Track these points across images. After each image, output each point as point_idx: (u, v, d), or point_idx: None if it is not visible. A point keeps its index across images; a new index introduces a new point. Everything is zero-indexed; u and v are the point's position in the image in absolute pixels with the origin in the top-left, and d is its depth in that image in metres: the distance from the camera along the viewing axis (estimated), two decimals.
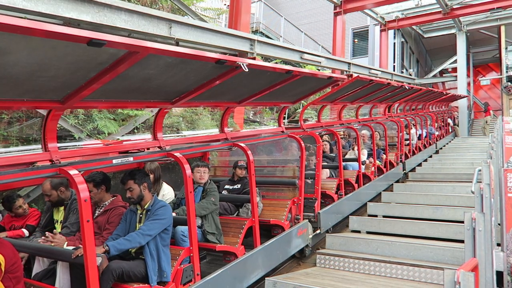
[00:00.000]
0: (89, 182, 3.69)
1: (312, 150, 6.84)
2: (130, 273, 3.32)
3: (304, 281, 4.46)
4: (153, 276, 3.38)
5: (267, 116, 14.99)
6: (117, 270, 3.21)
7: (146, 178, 3.76)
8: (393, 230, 6.15)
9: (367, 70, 16.79)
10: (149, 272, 3.38)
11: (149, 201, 3.73)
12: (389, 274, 4.83)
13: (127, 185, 3.66)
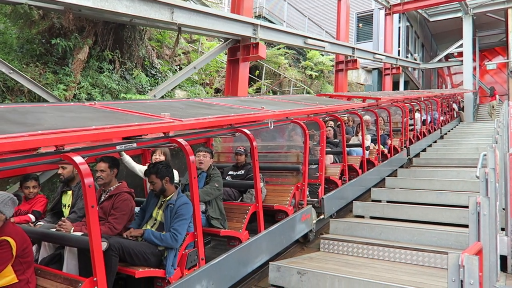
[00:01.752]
0: (105, 162, 3.90)
1: (317, 138, 6.82)
2: (130, 250, 3.37)
3: (308, 265, 4.49)
4: (170, 267, 3.47)
5: None
6: (115, 245, 3.26)
7: (168, 172, 3.85)
8: (397, 215, 6.16)
9: (371, 55, 16.63)
10: (168, 263, 3.49)
11: (172, 194, 3.84)
12: (392, 259, 4.85)
13: (149, 178, 3.81)
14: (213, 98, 5.37)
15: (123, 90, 8.24)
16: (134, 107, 3.89)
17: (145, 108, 3.91)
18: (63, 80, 7.36)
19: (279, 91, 16.72)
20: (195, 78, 11.40)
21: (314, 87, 18.32)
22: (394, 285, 3.71)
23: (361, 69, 21.02)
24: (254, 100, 5.69)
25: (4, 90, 6.77)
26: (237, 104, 4.82)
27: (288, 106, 5.42)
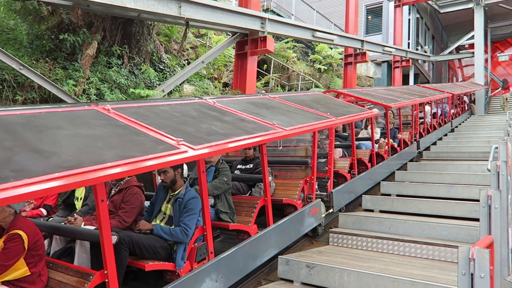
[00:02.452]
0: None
1: (326, 131, 6.78)
2: (140, 244, 3.40)
3: (317, 259, 4.49)
4: (179, 260, 3.50)
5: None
6: (125, 239, 3.29)
7: (180, 164, 3.85)
8: (406, 209, 6.12)
9: (380, 48, 16.47)
10: (177, 256, 3.51)
11: (181, 188, 3.85)
12: (402, 253, 4.82)
13: (163, 167, 3.77)
14: (223, 98, 5.18)
15: (132, 85, 8.28)
16: (148, 118, 3.65)
17: (160, 122, 3.63)
18: (72, 75, 7.41)
19: (288, 85, 16.66)
20: (203, 72, 11.40)
21: (323, 81, 18.22)
22: (403, 278, 3.69)
23: (370, 62, 20.82)
24: (264, 102, 5.45)
25: (15, 86, 6.84)
26: (248, 112, 4.62)
27: (298, 117, 5.16)
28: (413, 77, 21.47)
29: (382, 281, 3.78)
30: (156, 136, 3.25)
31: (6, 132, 2.71)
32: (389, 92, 9.52)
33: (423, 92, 11.42)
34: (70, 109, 3.47)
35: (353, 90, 8.34)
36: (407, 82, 21.06)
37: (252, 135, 3.92)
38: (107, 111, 3.57)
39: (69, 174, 2.32)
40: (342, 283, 4.01)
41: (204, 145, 3.30)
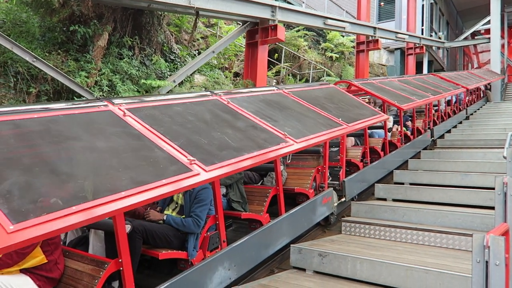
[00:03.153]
0: None
1: None
2: (153, 233, 3.45)
3: (329, 247, 4.49)
4: (192, 249, 3.55)
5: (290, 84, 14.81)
6: (139, 228, 3.34)
7: None
8: (420, 197, 6.06)
9: (393, 35, 16.21)
10: (190, 245, 3.55)
11: None
12: (415, 241, 4.79)
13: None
14: (237, 95, 4.92)
15: (143, 76, 8.31)
16: (163, 124, 3.58)
17: (174, 131, 3.56)
18: (84, 67, 7.47)
19: (299, 74, 16.55)
20: (214, 62, 11.38)
21: (335, 69, 18.04)
22: (417, 267, 3.67)
23: (383, 50, 20.52)
24: (277, 100, 5.27)
25: (28, 78, 6.93)
26: (260, 116, 4.52)
27: (310, 122, 5.03)
28: (427, 64, 21.11)
29: (395, 269, 3.76)
30: (169, 151, 3.21)
31: (24, 144, 2.75)
32: (403, 86, 9.13)
33: (438, 85, 11.04)
34: (86, 111, 3.38)
35: (366, 83, 7.99)
36: (421, 70, 20.73)
37: (263, 150, 3.85)
38: (122, 113, 3.48)
39: (87, 207, 2.35)
40: (354, 271, 4.00)
41: (216, 165, 3.28)
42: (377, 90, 7.69)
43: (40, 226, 2.13)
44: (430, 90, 9.74)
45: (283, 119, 4.78)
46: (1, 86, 6.77)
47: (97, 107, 3.48)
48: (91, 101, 3.66)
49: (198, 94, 4.62)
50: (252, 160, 3.64)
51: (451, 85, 12.09)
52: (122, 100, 3.79)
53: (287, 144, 4.17)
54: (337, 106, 6.09)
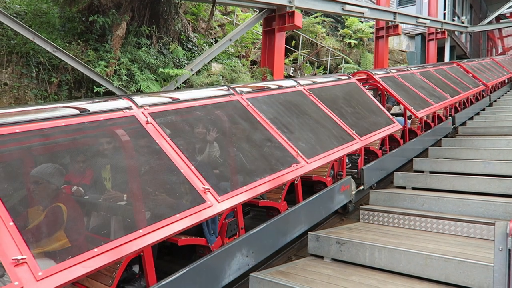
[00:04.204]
0: None
1: None
2: None
3: (347, 235, 4.48)
4: (211, 236, 3.59)
5: (307, 72, 14.69)
6: None
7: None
8: (440, 185, 5.97)
9: (414, 20, 15.80)
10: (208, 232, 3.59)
11: None
12: (435, 230, 4.73)
13: None
14: (257, 94, 4.72)
15: (161, 64, 8.36)
16: (183, 137, 3.55)
17: (192, 147, 3.56)
18: (103, 56, 7.56)
19: (317, 61, 16.37)
20: (231, 50, 11.35)
21: (353, 56, 17.77)
22: (436, 255, 3.63)
23: (403, 35, 20.08)
24: (296, 102, 5.06)
25: (50, 68, 7.06)
26: (277, 125, 4.38)
27: (324, 134, 4.86)
28: (448, 50, 20.55)
29: (414, 257, 3.73)
30: (187, 174, 3.18)
31: (53, 163, 2.89)
32: (423, 82, 8.38)
33: (458, 81, 10.39)
34: (111, 116, 3.25)
35: (386, 76, 7.54)
36: (442, 55, 20.20)
37: (275, 174, 3.79)
38: (145, 120, 3.38)
39: (108, 249, 2.50)
40: (373, 259, 3.99)
41: (228, 194, 3.29)
42: (397, 89, 7.28)
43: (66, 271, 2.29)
44: (449, 89, 9.23)
45: (298, 129, 4.66)
46: (24, 76, 6.92)
47: (121, 111, 3.35)
48: (115, 100, 3.51)
49: (220, 93, 4.38)
50: (263, 187, 3.62)
51: (471, 81, 11.48)
52: (145, 100, 3.65)
53: (298, 166, 4.05)
54: (353, 110, 5.81)
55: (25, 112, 2.94)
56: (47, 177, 2.91)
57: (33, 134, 2.78)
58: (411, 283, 3.57)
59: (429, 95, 7.91)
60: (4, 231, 2.22)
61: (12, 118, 2.74)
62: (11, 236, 2.22)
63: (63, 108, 3.19)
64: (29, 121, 2.77)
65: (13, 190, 2.58)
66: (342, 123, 5.22)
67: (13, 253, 2.16)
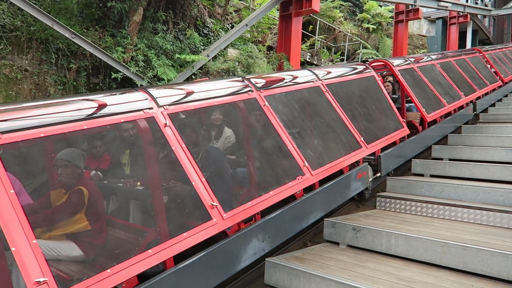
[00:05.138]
0: None
1: None
2: None
3: (363, 222, 4.46)
4: None
5: (324, 57, 14.50)
6: None
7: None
8: (459, 173, 5.86)
9: (435, 3, 15.36)
10: None
11: None
12: (453, 218, 4.67)
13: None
14: (274, 90, 4.49)
15: (177, 50, 8.37)
16: (199, 141, 3.55)
17: (207, 150, 3.60)
18: (121, 42, 7.60)
19: (334, 46, 16.13)
20: (247, 36, 11.27)
21: (371, 41, 17.44)
22: (454, 243, 3.59)
23: (423, 19, 19.57)
24: (312, 101, 4.85)
25: (68, 55, 7.14)
26: (289, 129, 4.24)
27: (333, 141, 4.77)
28: (471, 34, 19.95)
29: (431, 245, 3.70)
30: (197, 187, 3.16)
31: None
32: (441, 76, 7.71)
33: (476, 75, 9.80)
34: (132, 118, 3.12)
35: (405, 69, 7.06)
36: (464, 40, 19.64)
37: (280, 188, 3.79)
38: (164, 123, 3.24)
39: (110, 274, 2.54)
40: (389, 246, 3.97)
41: (233, 211, 3.33)
42: (414, 84, 6.89)
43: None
44: (465, 85, 8.66)
45: (309, 134, 4.57)
46: (44, 62, 7.02)
47: (142, 112, 3.21)
48: (139, 101, 3.30)
49: (238, 89, 4.15)
50: (266, 202, 3.63)
51: (489, 75, 10.83)
52: (166, 99, 3.45)
53: (302, 179, 4.01)
54: (366, 112, 5.59)
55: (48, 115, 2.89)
56: (75, 161, 2.98)
57: (55, 138, 2.81)
58: (428, 271, 3.55)
59: (444, 93, 7.54)
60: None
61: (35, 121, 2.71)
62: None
63: (84, 100, 3.21)
64: (51, 124, 2.71)
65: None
66: (352, 128, 5.03)
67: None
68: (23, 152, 2.61)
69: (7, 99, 6.51)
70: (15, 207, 2.30)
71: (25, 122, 2.66)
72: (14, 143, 2.46)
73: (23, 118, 2.72)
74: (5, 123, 2.54)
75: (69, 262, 2.83)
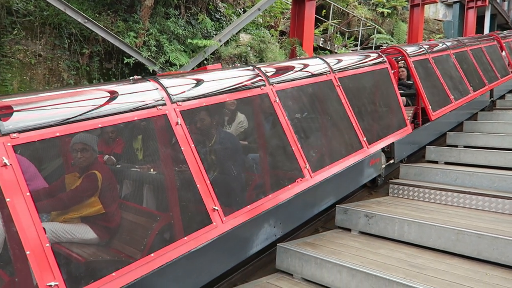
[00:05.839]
0: None
1: None
2: None
3: (375, 209, 4.44)
4: None
5: (337, 43, 14.28)
6: None
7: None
8: (475, 160, 5.76)
9: None
10: None
11: None
12: (468, 205, 4.61)
13: None
14: (287, 84, 4.25)
15: (189, 35, 8.32)
16: (207, 142, 3.58)
17: (215, 152, 3.58)
18: (133, 27, 7.58)
19: (347, 31, 15.87)
20: (260, 21, 11.13)
21: (386, 26, 17.11)
22: (469, 231, 3.55)
23: (440, 3, 19.09)
24: (323, 96, 4.69)
25: (81, 40, 7.16)
26: (297, 127, 4.11)
27: (337, 142, 4.63)
28: (489, 18, 19.41)
29: (445, 232, 3.66)
30: (202, 190, 3.14)
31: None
32: (454, 68, 7.34)
33: (489, 67, 9.21)
34: (145, 115, 3.02)
35: (419, 59, 6.69)
36: (482, 25, 19.12)
37: (278, 191, 3.74)
38: (175, 121, 3.12)
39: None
40: (402, 233, 3.94)
41: (232, 215, 3.31)
42: (426, 78, 6.53)
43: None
44: (476, 79, 8.13)
45: (315, 132, 4.47)
46: (57, 47, 7.05)
47: (155, 109, 3.06)
48: (151, 90, 3.17)
49: (251, 82, 3.94)
50: (265, 205, 3.59)
51: (502, 67, 10.22)
52: (180, 96, 3.29)
53: (302, 181, 3.93)
54: (373, 108, 5.37)
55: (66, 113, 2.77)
56: (93, 144, 3.01)
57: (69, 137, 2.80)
58: (441, 258, 3.52)
59: (453, 88, 7.15)
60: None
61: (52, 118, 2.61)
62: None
63: (97, 91, 3.13)
64: (66, 122, 2.63)
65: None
66: (357, 127, 4.83)
67: None
68: (38, 147, 2.58)
69: (21, 84, 6.58)
70: (31, 212, 2.29)
71: (38, 122, 2.54)
72: (30, 143, 2.44)
73: (36, 118, 2.61)
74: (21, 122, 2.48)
75: (84, 245, 2.87)
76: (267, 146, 4.10)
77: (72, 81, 7.02)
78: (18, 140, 2.36)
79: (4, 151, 2.28)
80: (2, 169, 2.25)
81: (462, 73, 7.66)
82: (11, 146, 2.31)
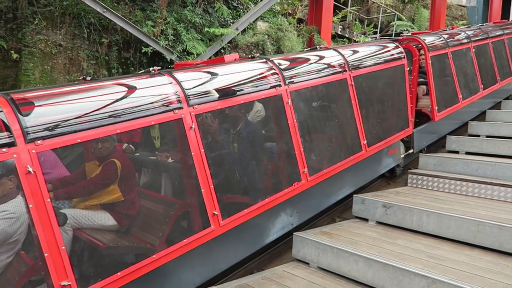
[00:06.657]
0: None
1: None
2: None
3: (394, 199, 4.39)
4: None
5: (356, 30, 14.03)
6: None
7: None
8: (497, 151, 5.63)
9: None
10: None
11: None
12: (489, 196, 4.52)
13: None
14: (301, 82, 4.09)
15: (207, 24, 8.30)
16: (217, 145, 3.44)
17: (221, 156, 3.49)
18: (150, 16, 7.60)
19: (367, 18, 15.56)
20: (277, 8, 11.00)
21: (407, 13, 16.71)
22: (490, 222, 3.48)
23: None
24: (333, 98, 4.51)
25: (100, 29, 7.22)
26: (304, 131, 4.00)
27: (341, 140, 4.43)
28: None
29: (465, 223, 3.60)
30: (206, 194, 3.17)
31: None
32: (470, 64, 6.91)
33: (508, 61, 8.59)
34: (162, 119, 3.05)
35: (437, 55, 6.23)
36: (508, 10, 18.44)
37: (275, 195, 3.62)
38: (189, 125, 3.13)
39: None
40: (420, 224, 3.90)
41: (230, 219, 3.27)
42: (440, 74, 6.19)
43: None
44: (489, 76, 7.58)
45: (319, 135, 4.35)
46: (77, 37, 7.14)
47: (172, 112, 3.08)
48: (169, 93, 3.15)
49: (267, 80, 3.81)
50: (261, 209, 3.51)
51: None
52: (196, 99, 3.25)
53: (298, 185, 3.80)
54: (380, 109, 5.10)
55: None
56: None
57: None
58: (460, 249, 3.48)
59: (464, 86, 6.72)
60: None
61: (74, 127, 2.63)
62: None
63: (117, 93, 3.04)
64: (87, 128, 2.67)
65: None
66: (361, 129, 4.62)
67: None
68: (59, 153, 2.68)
69: (43, 74, 6.70)
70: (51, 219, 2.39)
71: (61, 130, 2.57)
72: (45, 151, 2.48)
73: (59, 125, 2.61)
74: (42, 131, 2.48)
75: (104, 231, 2.94)
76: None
77: (91, 70, 7.11)
78: (42, 147, 2.40)
79: (29, 159, 2.33)
80: (26, 176, 2.30)
81: (476, 68, 7.24)
82: (36, 153, 2.36)
